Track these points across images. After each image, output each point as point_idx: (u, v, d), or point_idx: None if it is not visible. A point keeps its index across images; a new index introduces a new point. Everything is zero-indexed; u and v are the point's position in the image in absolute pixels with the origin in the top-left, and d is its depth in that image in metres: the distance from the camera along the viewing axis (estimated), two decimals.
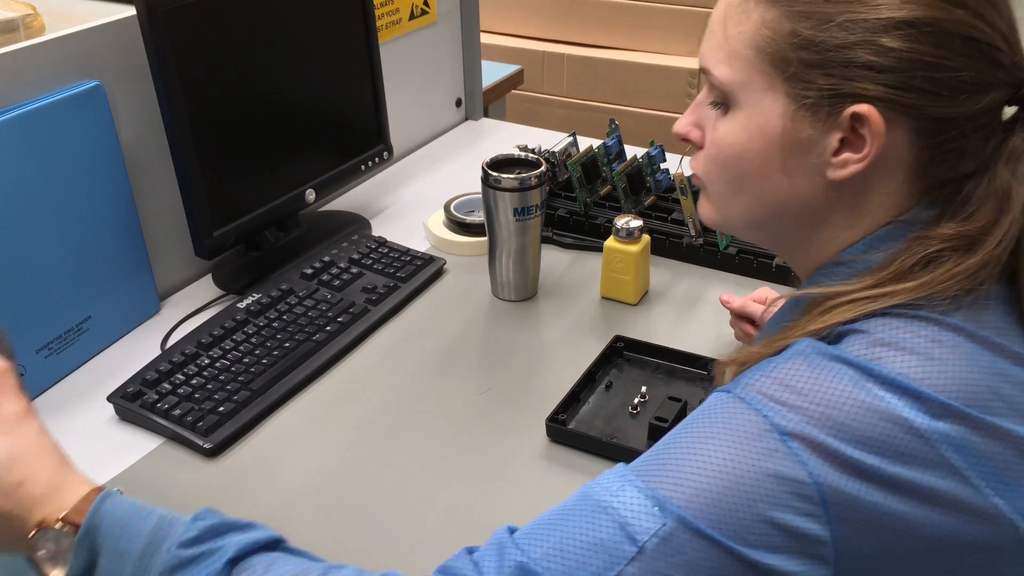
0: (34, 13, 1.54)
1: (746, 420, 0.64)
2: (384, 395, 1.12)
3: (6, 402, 0.69)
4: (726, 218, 0.78)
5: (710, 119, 0.75)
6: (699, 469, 0.64)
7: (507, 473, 1.00)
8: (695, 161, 0.79)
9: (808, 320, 0.70)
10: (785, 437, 0.63)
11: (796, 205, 0.73)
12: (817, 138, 0.69)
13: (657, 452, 0.67)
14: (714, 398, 0.69)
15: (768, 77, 0.70)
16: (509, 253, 1.26)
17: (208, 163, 1.20)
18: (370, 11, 1.43)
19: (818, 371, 0.65)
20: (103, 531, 0.65)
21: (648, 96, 2.58)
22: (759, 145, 0.71)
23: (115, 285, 1.19)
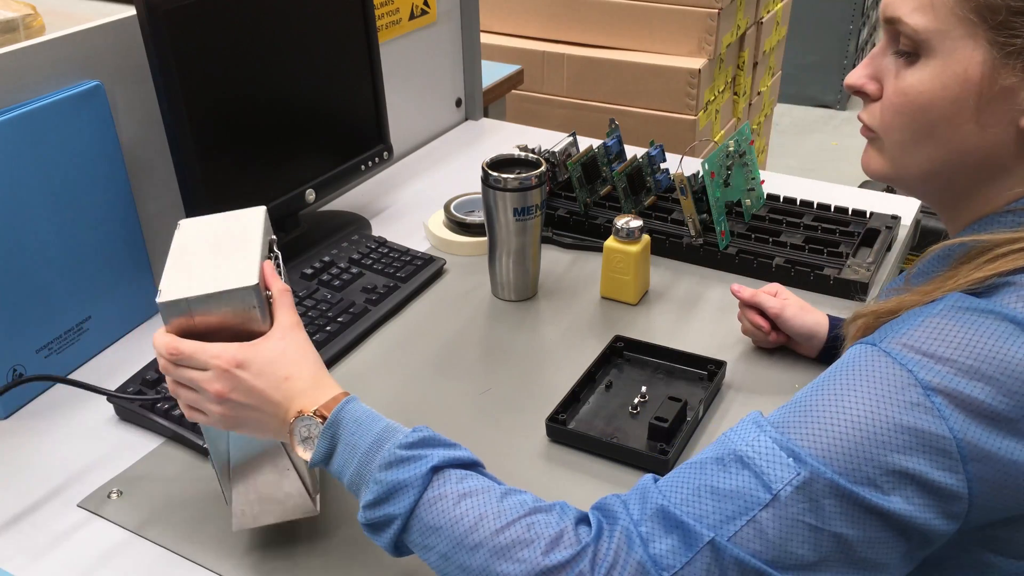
0: (34, 13, 1.54)
1: (889, 373, 0.66)
2: (384, 395, 1.12)
3: (283, 314, 0.80)
4: (901, 168, 0.78)
5: (890, 70, 0.75)
6: (837, 421, 0.65)
7: (507, 473, 0.99)
8: (868, 114, 0.78)
9: (972, 268, 0.70)
10: (929, 392, 0.64)
11: (981, 154, 0.73)
12: (1017, 86, 0.69)
13: (796, 403, 0.69)
14: (857, 350, 0.69)
15: (971, 25, 0.69)
16: (509, 253, 1.26)
17: (208, 163, 1.20)
18: (370, 11, 1.43)
19: (969, 324, 0.66)
20: (344, 425, 0.76)
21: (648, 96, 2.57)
22: (954, 93, 0.71)
23: (115, 285, 1.19)
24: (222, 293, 0.76)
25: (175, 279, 0.78)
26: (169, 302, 0.75)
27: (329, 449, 0.76)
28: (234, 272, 0.77)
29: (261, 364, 0.77)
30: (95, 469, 1.01)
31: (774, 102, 3.37)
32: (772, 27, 3.04)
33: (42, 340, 1.11)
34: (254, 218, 0.87)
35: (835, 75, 4.47)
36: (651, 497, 0.69)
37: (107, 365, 1.17)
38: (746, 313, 1.16)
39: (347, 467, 0.75)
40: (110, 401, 1.07)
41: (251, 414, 0.78)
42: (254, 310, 0.77)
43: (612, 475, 0.99)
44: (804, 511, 0.64)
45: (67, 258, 1.12)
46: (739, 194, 1.41)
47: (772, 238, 1.35)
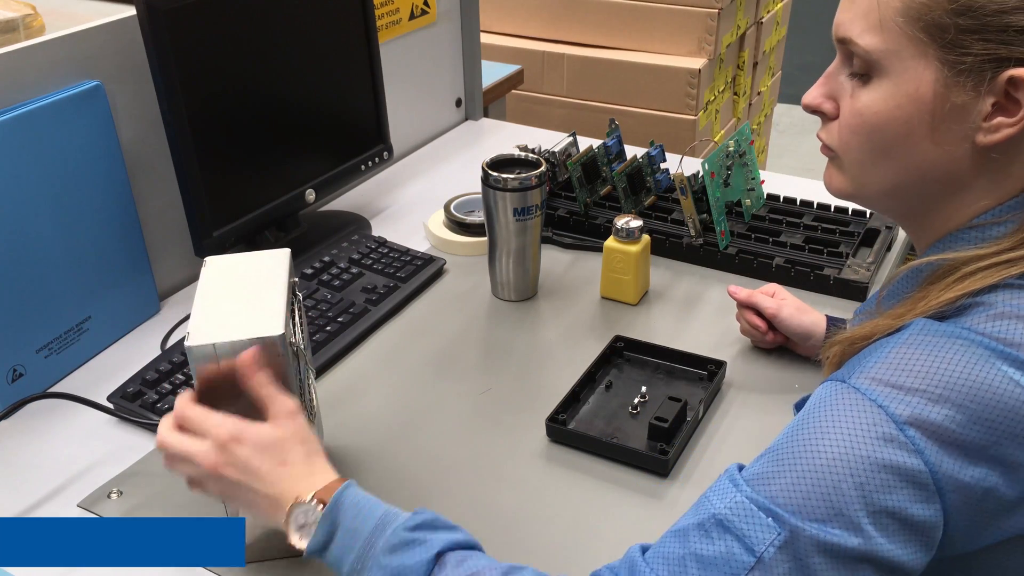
0: (34, 13, 1.54)
1: (860, 410, 0.65)
2: (384, 395, 1.12)
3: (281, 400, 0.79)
4: (862, 187, 0.78)
5: (846, 89, 0.75)
6: (812, 468, 0.65)
7: (507, 473, 1.00)
8: (826, 132, 0.78)
9: (941, 288, 0.70)
10: (902, 425, 0.63)
11: (940, 171, 0.72)
12: (970, 104, 0.69)
13: (772, 453, 0.69)
14: (827, 389, 0.69)
15: (921, 44, 0.69)
16: (509, 253, 1.26)
17: (208, 163, 1.20)
18: (370, 11, 1.43)
19: (936, 351, 0.65)
20: (344, 510, 0.75)
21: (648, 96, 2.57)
22: (907, 112, 0.71)
23: (115, 285, 1.19)
24: (250, 340, 0.78)
25: (203, 322, 0.80)
26: (197, 346, 0.78)
27: (328, 535, 0.75)
28: (262, 319, 0.80)
29: (258, 445, 0.77)
30: (95, 469, 1.01)
31: (774, 102, 3.37)
32: (772, 27, 3.04)
33: (42, 340, 1.11)
34: (279, 261, 0.89)
35: None
36: (639, 570, 0.68)
37: (107, 365, 1.17)
38: (743, 314, 1.16)
39: (348, 553, 0.74)
40: (110, 401, 1.07)
41: (244, 493, 0.77)
42: (280, 358, 0.79)
43: (612, 475, 0.99)
44: (791, 570, 0.63)
45: (67, 258, 1.12)
46: (739, 194, 1.41)
47: (772, 238, 1.35)
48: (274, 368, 0.80)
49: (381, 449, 1.03)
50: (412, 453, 1.03)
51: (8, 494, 0.97)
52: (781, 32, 3.20)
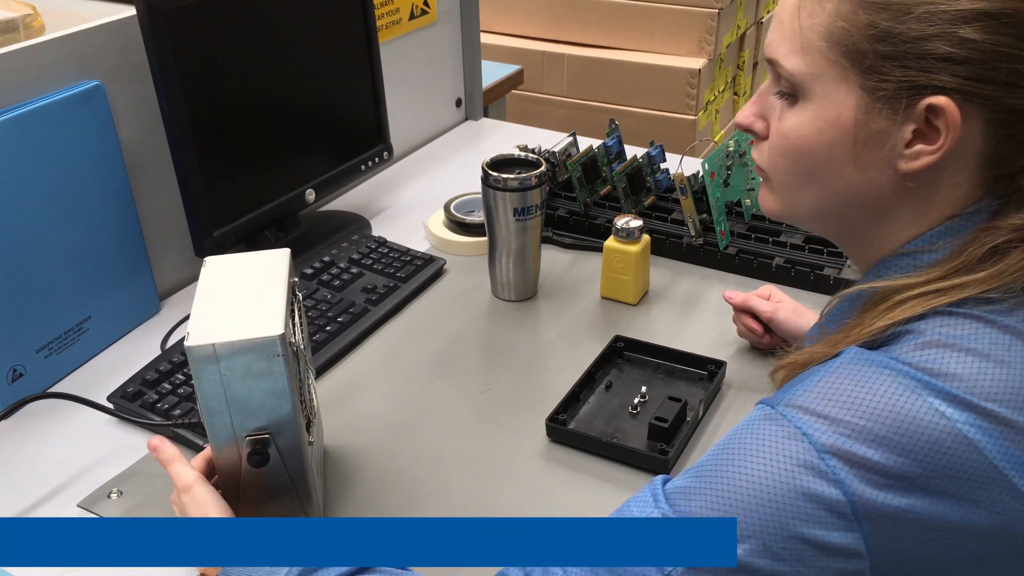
0: (34, 13, 1.54)
1: (783, 436, 0.65)
2: (384, 395, 1.12)
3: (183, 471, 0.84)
4: (791, 209, 0.78)
5: (775, 110, 0.75)
6: (733, 490, 0.65)
7: (507, 473, 1.00)
8: (757, 152, 0.78)
9: (874, 316, 0.69)
10: (824, 454, 0.63)
11: (864, 196, 0.72)
12: (890, 130, 0.68)
13: (698, 469, 0.69)
14: (756, 412, 0.69)
15: (842, 69, 0.69)
16: (509, 253, 1.26)
17: (208, 163, 1.20)
18: (370, 11, 1.43)
19: (864, 381, 0.65)
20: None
21: (648, 96, 2.58)
22: (830, 137, 0.71)
23: (115, 285, 1.19)
24: (248, 341, 0.78)
25: (203, 322, 0.80)
26: (197, 347, 0.78)
27: None
28: (261, 319, 0.80)
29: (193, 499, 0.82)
30: (95, 469, 1.01)
31: None
32: None
33: (42, 340, 1.11)
34: (279, 261, 0.89)
35: None
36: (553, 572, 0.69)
37: (107, 365, 1.17)
38: (740, 317, 1.16)
39: None
40: (110, 401, 1.07)
41: None
42: (278, 358, 0.79)
43: (612, 475, 0.99)
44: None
45: (67, 258, 1.12)
46: (739, 194, 1.41)
47: (772, 238, 1.35)
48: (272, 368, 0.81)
49: (381, 449, 1.03)
50: (412, 453, 1.03)
51: (8, 494, 0.97)
52: None
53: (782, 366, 0.76)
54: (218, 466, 0.84)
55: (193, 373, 0.79)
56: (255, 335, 0.78)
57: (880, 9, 0.66)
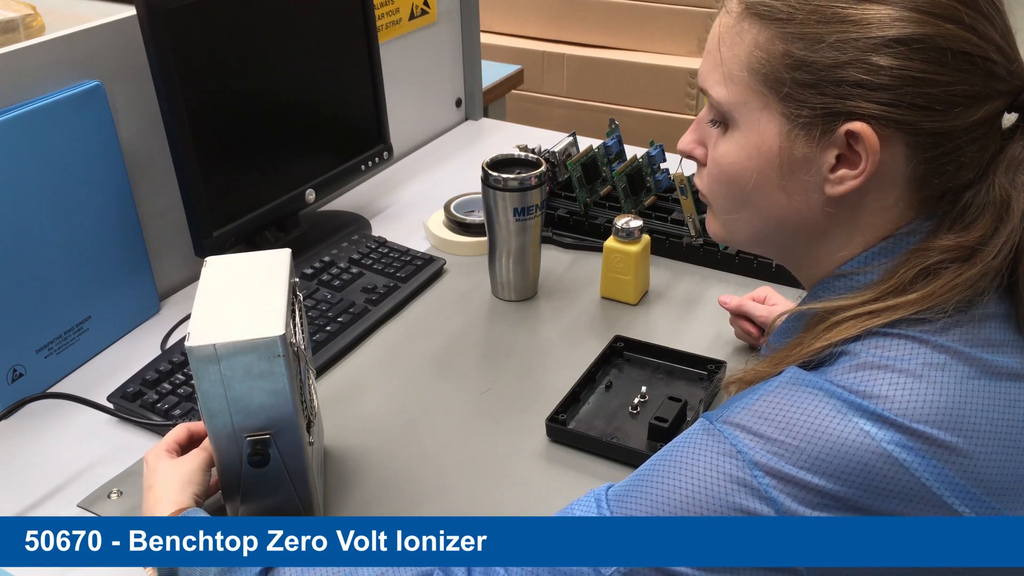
0: (34, 13, 1.54)
1: (719, 452, 0.66)
2: (384, 395, 1.12)
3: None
4: (731, 234, 0.79)
5: (711, 137, 0.76)
6: (667, 500, 0.66)
7: (507, 473, 1.00)
8: (699, 178, 0.79)
9: (812, 337, 0.70)
10: (756, 472, 0.64)
11: (795, 221, 0.73)
12: (813, 155, 0.69)
13: (637, 476, 0.71)
14: (697, 425, 0.70)
15: (763, 97, 0.70)
16: (509, 253, 1.26)
17: (208, 163, 1.20)
18: (370, 11, 1.43)
19: (798, 402, 0.65)
20: None
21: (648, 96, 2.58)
22: (756, 163, 0.72)
23: (115, 285, 1.19)
24: (249, 341, 0.78)
25: (204, 322, 0.80)
26: (198, 347, 0.78)
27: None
28: (262, 319, 0.80)
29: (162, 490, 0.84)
30: (95, 469, 1.01)
31: None
32: None
33: (42, 340, 1.11)
34: (280, 261, 0.89)
35: None
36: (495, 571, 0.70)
37: (107, 365, 1.17)
38: (736, 321, 1.17)
39: None
40: (110, 401, 1.07)
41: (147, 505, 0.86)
42: (279, 358, 0.79)
43: (612, 475, 0.99)
44: None
45: (67, 258, 1.12)
46: None
47: None
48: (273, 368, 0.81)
49: (381, 449, 1.03)
50: (412, 453, 1.03)
51: (8, 494, 0.97)
52: None
53: (733, 380, 0.77)
54: (218, 466, 0.84)
55: (194, 373, 0.79)
56: (256, 335, 0.78)
57: (795, 39, 0.67)
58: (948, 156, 0.68)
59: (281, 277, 0.86)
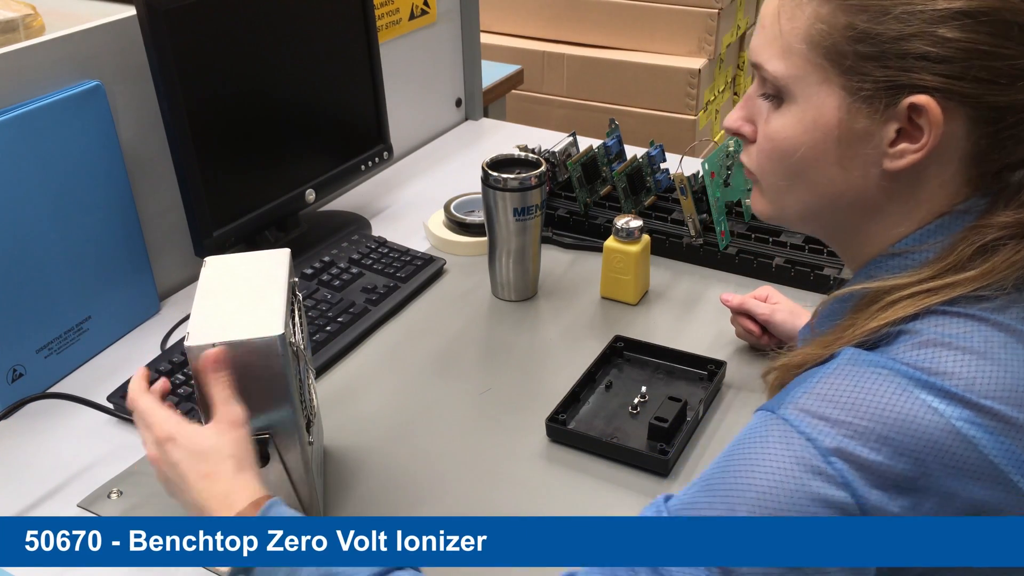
0: (34, 13, 1.54)
1: (788, 443, 0.65)
2: (384, 395, 1.12)
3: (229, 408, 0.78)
4: (781, 211, 0.78)
5: (762, 113, 0.75)
6: (744, 502, 0.64)
7: (507, 473, 1.00)
8: (746, 155, 0.78)
9: (866, 317, 0.69)
10: (829, 457, 0.63)
11: (851, 197, 0.72)
12: (873, 129, 0.68)
13: (700, 485, 0.68)
14: (757, 419, 0.69)
15: (823, 71, 0.69)
16: (509, 253, 1.26)
17: (208, 163, 1.20)
18: (370, 11, 1.43)
19: (862, 383, 0.65)
20: None
21: (648, 96, 2.58)
22: (814, 138, 0.71)
23: (115, 285, 1.19)
24: (248, 341, 0.78)
25: (203, 322, 0.80)
26: (197, 346, 0.78)
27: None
28: (261, 319, 0.80)
29: (190, 449, 0.77)
30: (95, 469, 1.01)
31: None
32: None
33: (42, 340, 1.11)
34: (279, 261, 0.89)
35: None
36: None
37: (107, 365, 1.17)
38: (738, 319, 1.17)
39: None
40: (110, 401, 1.07)
41: (177, 492, 0.79)
42: (279, 358, 0.79)
43: (612, 475, 0.99)
44: None
45: (67, 258, 1.12)
46: (739, 194, 1.41)
47: (772, 238, 1.35)
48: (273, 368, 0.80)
49: (381, 449, 1.03)
50: (412, 453, 1.03)
51: (8, 494, 0.97)
52: None
53: (774, 368, 0.76)
54: None
55: (193, 373, 0.79)
56: (255, 335, 0.78)
57: (858, 11, 0.67)
58: (1009, 131, 0.67)
59: (280, 277, 0.86)
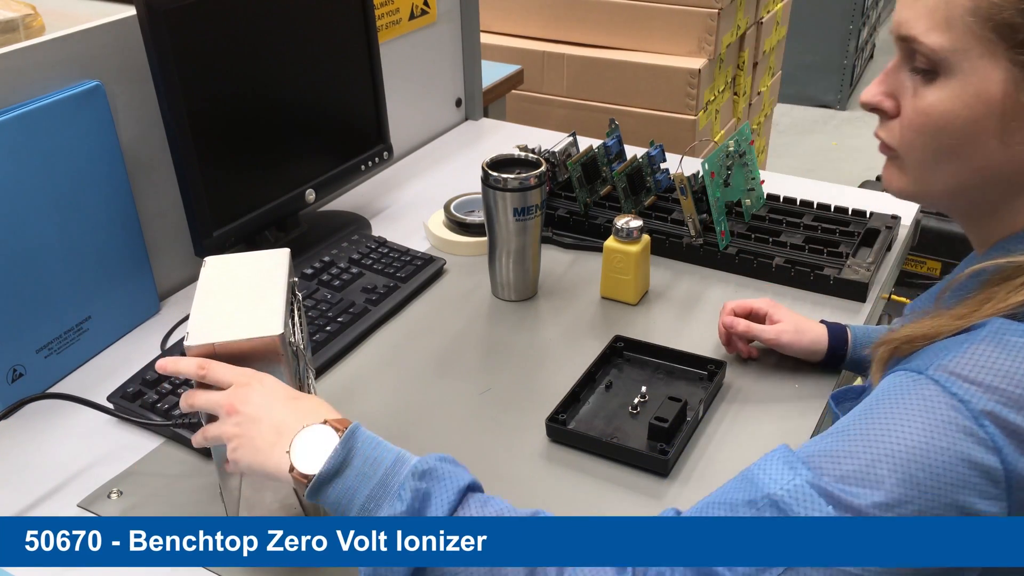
0: (34, 13, 1.54)
1: (939, 402, 0.65)
2: (384, 395, 1.12)
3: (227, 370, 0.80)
4: (924, 186, 0.77)
5: (907, 87, 0.74)
6: (889, 454, 0.64)
7: (507, 473, 1.00)
8: (886, 131, 0.77)
9: (1007, 291, 0.69)
10: (983, 421, 0.63)
11: (1007, 172, 0.72)
12: None
13: (833, 436, 0.68)
14: (899, 379, 0.68)
15: (988, 44, 0.68)
16: (509, 253, 1.26)
17: (208, 163, 1.20)
18: (370, 11, 1.43)
19: (1015, 353, 0.65)
20: (361, 438, 0.75)
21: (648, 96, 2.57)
22: (974, 112, 0.70)
23: (115, 285, 1.19)
24: (249, 340, 0.78)
25: (203, 322, 0.80)
26: (197, 346, 0.78)
27: (343, 461, 0.74)
28: (261, 319, 0.80)
29: (276, 383, 0.79)
30: (95, 469, 1.01)
31: (774, 102, 3.37)
32: (772, 27, 3.04)
33: (42, 340, 1.11)
34: (279, 261, 0.89)
35: (835, 75, 4.46)
36: None
37: (107, 365, 1.17)
38: (735, 343, 1.14)
39: (366, 480, 0.73)
40: (110, 401, 1.07)
41: (254, 429, 0.77)
42: (279, 357, 0.79)
43: (612, 475, 0.99)
44: None
45: (67, 258, 1.12)
46: (739, 194, 1.41)
47: (772, 238, 1.35)
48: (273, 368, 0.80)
49: None
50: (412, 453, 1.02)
51: (8, 494, 0.97)
52: (781, 32, 3.20)
53: (887, 341, 0.75)
54: (218, 464, 0.84)
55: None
56: (255, 335, 0.78)
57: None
58: None
59: (280, 277, 0.86)
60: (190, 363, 0.79)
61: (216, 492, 0.93)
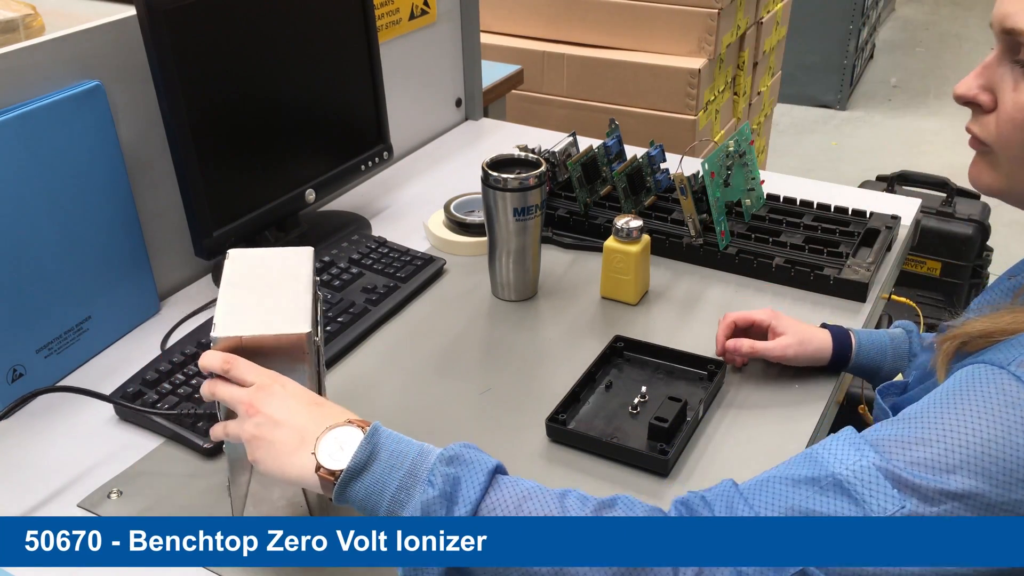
0: (34, 13, 1.54)
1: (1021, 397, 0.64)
2: (384, 395, 1.12)
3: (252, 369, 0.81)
4: (1018, 183, 0.76)
5: (1007, 81, 0.73)
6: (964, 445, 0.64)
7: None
8: (979, 126, 0.76)
9: None
10: None
11: None
12: None
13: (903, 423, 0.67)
14: (979, 372, 0.68)
15: None
16: (509, 253, 1.26)
17: (208, 163, 1.20)
18: (370, 11, 1.43)
19: None
20: (384, 435, 0.76)
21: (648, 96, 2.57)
22: None
23: (115, 285, 1.19)
24: (276, 336, 0.78)
25: (229, 316, 0.80)
26: (224, 338, 0.78)
27: (369, 456, 0.74)
28: (288, 316, 0.80)
29: (298, 388, 0.80)
30: (95, 469, 1.01)
31: (774, 102, 3.37)
32: (772, 27, 3.03)
33: (42, 340, 1.11)
34: (303, 259, 0.89)
35: (835, 75, 4.46)
36: (738, 507, 0.68)
37: (107, 365, 1.17)
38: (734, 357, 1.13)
39: (392, 472, 0.73)
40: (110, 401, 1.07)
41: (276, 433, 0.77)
42: (304, 355, 0.80)
43: (612, 475, 0.99)
44: None
45: (67, 258, 1.12)
46: (739, 194, 1.41)
47: (772, 238, 1.35)
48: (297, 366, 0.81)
49: None
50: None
51: (8, 494, 0.97)
52: (781, 32, 3.20)
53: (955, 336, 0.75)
54: (231, 456, 0.84)
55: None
56: (282, 331, 0.78)
57: None
58: None
59: (305, 274, 0.87)
60: (216, 357, 0.79)
61: (217, 492, 0.93)
